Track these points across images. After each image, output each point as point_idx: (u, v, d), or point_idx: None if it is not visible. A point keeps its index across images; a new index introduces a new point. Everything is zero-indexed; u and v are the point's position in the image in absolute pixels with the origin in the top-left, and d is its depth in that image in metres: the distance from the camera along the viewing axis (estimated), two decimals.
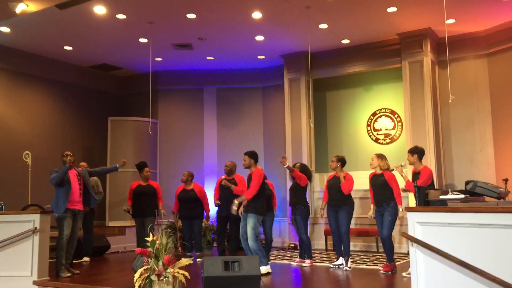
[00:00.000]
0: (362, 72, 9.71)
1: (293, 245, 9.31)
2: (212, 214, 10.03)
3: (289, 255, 8.46)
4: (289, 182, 8.54)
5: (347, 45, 9.45)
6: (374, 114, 9.90)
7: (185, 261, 4.90)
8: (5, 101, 9.24)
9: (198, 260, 7.63)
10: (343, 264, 6.78)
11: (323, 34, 8.77)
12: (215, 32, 8.64)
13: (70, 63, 10.32)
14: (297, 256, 7.57)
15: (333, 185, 6.93)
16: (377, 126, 9.85)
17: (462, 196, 4.44)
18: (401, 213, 6.40)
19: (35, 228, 5.97)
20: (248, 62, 10.57)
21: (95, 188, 8.00)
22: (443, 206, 4.24)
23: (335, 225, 6.92)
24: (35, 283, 5.93)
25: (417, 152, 6.36)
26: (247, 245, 6.39)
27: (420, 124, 8.64)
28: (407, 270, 5.90)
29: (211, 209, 9.59)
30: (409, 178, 6.45)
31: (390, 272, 6.26)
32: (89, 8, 7.47)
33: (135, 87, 11.36)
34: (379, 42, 9.25)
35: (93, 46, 9.33)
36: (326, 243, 9.14)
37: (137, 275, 4.71)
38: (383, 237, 6.40)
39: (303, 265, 7.13)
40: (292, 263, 7.40)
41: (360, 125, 10.03)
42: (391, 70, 9.39)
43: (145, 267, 4.76)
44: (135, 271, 4.97)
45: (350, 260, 6.81)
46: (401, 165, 6.41)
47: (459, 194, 4.52)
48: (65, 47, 9.34)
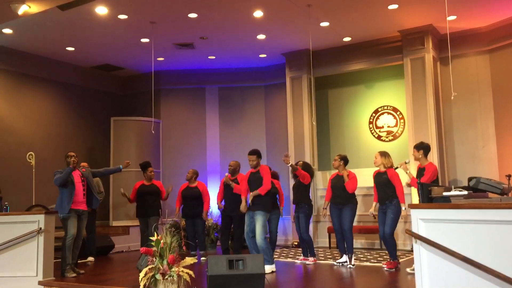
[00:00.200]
0: (364, 70, 9.72)
1: (297, 243, 9.32)
2: (215, 213, 10.08)
3: (292, 253, 8.48)
4: (292, 180, 8.57)
5: (349, 43, 9.46)
6: (376, 112, 9.90)
7: (189, 260, 4.91)
8: (8, 102, 9.28)
9: (202, 259, 7.66)
10: (346, 262, 6.79)
11: (325, 32, 8.77)
12: (216, 31, 8.65)
13: (72, 63, 10.35)
14: (301, 254, 7.59)
15: (336, 183, 6.94)
16: (379, 123, 9.86)
17: (465, 192, 4.44)
18: (404, 212, 6.41)
19: (40, 229, 6.00)
20: (250, 61, 10.58)
21: (96, 188, 8.03)
22: (446, 203, 4.24)
23: (338, 223, 6.93)
24: (40, 283, 5.96)
25: (423, 148, 6.36)
26: (252, 243, 6.40)
27: (422, 121, 8.64)
28: (411, 266, 5.91)
29: (215, 208, 9.63)
30: (414, 174, 6.45)
31: (394, 269, 6.27)
32: (91, 9, 7.50)
33: (137, 87, 11.39)
34: (381, 39, 9.25)
35: (95, 47, 9.35)
36: (329, 241, 9.15)
37: (142, 274, 4.72)
38: (385, 235, 6.41)
39: (307, 263, 7.15)
40: (296, 261, 7.42)
41: (362, 122, 10.03)
42: (392, 67, 9.39)
43: (150, 266, 4.77)
44: (140, 270, 4.98)
45: (353, 258, 6.83)
46: (406, 162, 6.43)
47: (462, 191, 4.52)
48: (68, 48, 9.37)
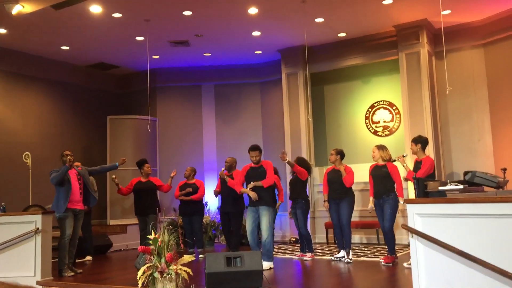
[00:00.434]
0: (359, 65, 9.72)
1: (294, 239, 9.34)
2: (213, 210, 10.09)
3: (290, 249, 8.50)
4: (288, 176, 8.58)
5: (344, 38, 9.46)
6: (372, 107, 9.91)
7: (187, 258, 4.93)
8: (3, 102, 9.25)
9: (200, 256, 7.67)
10: (344, 257, 6.82)
11: (320, 28, 8.77)
12: (211, 28, 8.64)
13: (67, 62, 10.31)
14: (298, 250, 7.61)
15: (333, 178, 6.95)
16: (375, 118, 9.87)
17: (461, 186, 4.47)
18: (402, 206, 6.43)
19: (37, 229, 5.99)
20: (246, 58, 10.57)
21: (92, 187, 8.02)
22: (442, 197, 4.27)
23: (336, 217, 6.94)
24: (38, 283, 5.96)
25: (420, 142, 6.38)
26: (255, 240, 6.38)
27: (418, 115, 8.66)
28: (408, 261, 5.94)
29: (212, 206, 9.66)
30: (411, 168, 6.48)
31: (391, 264, 6.30)
32: (85, 8, 7.47)
33: (133, 85, 11.36)
34: (376, 34, 9.25)
35: (90, 46, 9.32)
36: (327, 236, 9.18)
37: (140, 272, 4.74)
38: (384, 229, 6.44)
39: (304, 258, 7.17)
40: (294, 257, 7.44)
41: (359, 118, 10.05)
42: (388, 62, 9.40)
43: (148, 265, 4.79)
44: (138, 269, 4.99)
45: (351, 253, 6.85)
46: (403, 156, 6.45)
47: (458, 185, 4.55)
48: (62, 47, 9.34)
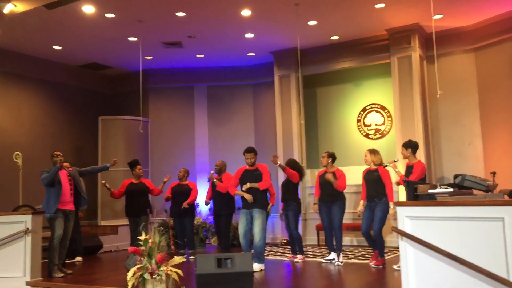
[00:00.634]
0: (352, 68, 9.77)
1: (285, 241, 9.35)
2: (204, 212, 10.08)
3: (281, 251, 8.51)
4: (280, 178, 8.60)
5: (337, 41, 9.50)
6: (364, 110, 9.96)
7: (178, 259, 4.93)
8: None
9: (191, 257, 7.66)
10: (334, 259, 6.83)
11: (313, 31, 8.81)
12: (204, 30, 8.64)
13: (59, 62, 10.27)
14: (289, 252, 7.62)
15: (325, 181, 6.95)
16: (367, 121, 9.92)
17: (451, 190, 4.49)
18: (392, 210, 6.45)
19: (27, 229, 5.96)
20: (238, 60, 10.58)
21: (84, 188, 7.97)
22: (431, 200, 4.30)
23: (327, 220, 6.96)
24: (28, 283, 5.93)
25: (411, 146, 6.42)
26: (247, 242, 6.39)
27: (410, 119, 8.71)
28: (397, 263, 5.97)
29: (204, 207, 9.66)
30: (403, 172, 6.51)
31: (381, 266, 6.33)
32: (78, 8, 7.45)
33: (125, 86, 11.33)
34: (368, 38, 9.31)
35: (82, 45, 9.29)
36: (318, 239, 9.20)
37: (130, 274, 4.73)
38: (373, 233, 6.48)
39: (295, 260, 7.19)
40: (284, 259, 7.45)
41: (351, 120, 10.09)
42: (380, 66, 9.46)
43: (138, 266, 4.78)
44: (128, 270, 4.98)
45: (342, 255, 6.87)
46: (395, 161, 6.49)
47: (447, 188, 4.58)
48: (54, 47, 9.30)
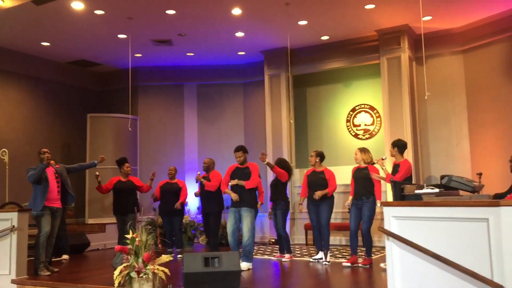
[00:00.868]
0: (342, 68, 9.81)
1: (273, 240, 9.37)
2: (193, 210, 10.06)
3: (269, 250, 8.53)
4: (270, 177, 8.61)
5: (327, 41, 9.53)
6: (353, 110, 10.00)
7: (165, 258, 4.91)
8: None
9: (179, 256, 7.64)
10: (322, 258, 6.85)
11: (303, 31, 8.82)
12: (195, 28, 8.62)
13: (47, 59, 10.18)
14: (277, 251, 7.63)
15: (313, 180, 6.97)
16: (356, 121, 9.96)
17: (437, 190, 4.53)
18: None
19: (13, 227, 5.91)
20: (229, 58, 10.57)
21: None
22: (418, 201, 4.33)
23: (315, 219, 6.96)
24: (13, 281, 5.88)
25: (397, 146, 6.47)
26: (235, 241, 6.39)
27: (398, 119, 8.77)
28: (384, 262, 6.00)
29: (192, 206, 9.64)
30: (390, 170, 6.56)
31: (368, 266, 6.37)
32: (67, 4, 7.39)
33: (114, 83, 11.26)
34: (358, 38, 9.35)
35: (71, 42, 9.22)
36: (306, 238, 9.23)
37: (116, 272, 4.70)
38: (361, 231, 6.51)
39: (283, 259, 7.20)
40: (272, 258, 7.46)
41: (340, 120, 10.13)
42: (370, 66, 9.50)
43: (124, 264, 4.75)
44: (115, 268, 4.95)
45: (329, 254, 6.89)
46: (382, 159, 6.53)
47: (434, 189, 4.61)
48: (43, 43, 9.22)
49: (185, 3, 7.54)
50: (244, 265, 6.14)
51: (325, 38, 9.33)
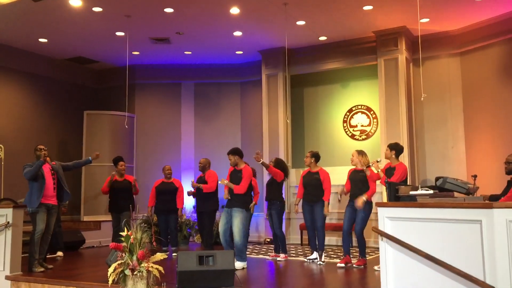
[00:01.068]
0: (339, 69, 9.82)
1: (269, 240, 9.38)
2: (189, 209, 10.05)
3: (264, 249, 8.54)
4: (266, 177, 8.61)
5: (324, 42, 9.54)
6: (350, 111, 10.02)
7: (159, 256, 4.91)
8: None
9: (173, 254, 7.64)
10: (317, 258, 6.87)
11: (301, 31, 8.83)
12: (193, 26, 8.62)
13: (45, 55, 10.16)
14: (273, 251, 7.64)
15: (308, 181, 6.98)
16: (353, 122, 9.98)
17: (431, 191, 4.54)
18: (361, 199, 6.43)
19: (8, 223, 5.91)
20: (226, 57, 10.57)
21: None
22: (412, 202, 4.34)
23: (310, 220, 6.98)
24: (7, 278, 5.87)
25: (395, 149, 6.48)
26: (228, 240, 6.40)
27: (395, 121, 8.78)
28: (378, 264, 6.02)
29: (188, 205, 9.61)
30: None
31: (363, 266, 6.38)
32: (65, 1, 7.38)
33: (111, 80, 11.25)
34: (356, 39, 9.36)
35: (68, 39, 9.20)
36: (301, 238, 9.24)
37: (111, 269, 4.69)
38: (355, 232, 6.52)
39: (278, 259, 7.21)
40: (267, 257, 7.47)
41: (337, 121, 10.15)
42: (367, 67, 9.52)
43: (119, 262, 4.75)
44: (109, 265, 4.95)
45: (324, 255, 6.91)
46: (377, 161, 6.54)
47: (428, 190, 4.63)
48: (40, 40, 9.20)
49: (183, 1, 7.54)
50: (239, 265, 6.15)
51: (323, 38, 9.34)
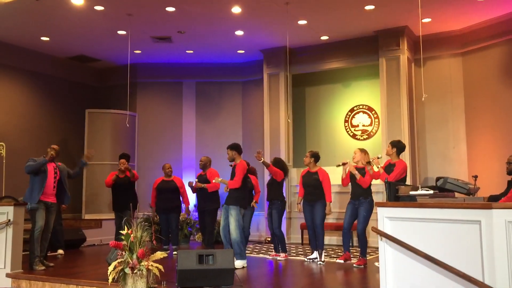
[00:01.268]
0: (341, 68, 9.82)
1: (269, 239, 9.38)
2: (190, 207, 10.05)
3: (265, 248, 8.54)
4: (267, 177, 8.61)
5: (326, 41, 9.53)
6: (351, 110, 10.02)
7: (159, 254, 4.92)
8: None
9: (174, 253, 7.65)
10: (317, 258, 6.87)
11: (302, 30, 8.83)
12: (194, 25, 8.62)
13: (47, 54, 10.17)
14: (273, 250, 7.65)
15: (307, 181, 6.99)
16: (354, 122, 9.98)
17: (431, 192, 4.55)
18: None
19: (9, 220, 5.92)
20: (228, 56, 10.57)
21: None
22: (411, 202, 4.34)
23: (310, 219, 6.98)
24: (8, 275, 5.89)
25: (396, 146, 6.47)
26: (227, 237, 6.43)
27: (396, 121, 8.78)
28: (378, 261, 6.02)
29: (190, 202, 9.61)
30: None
31: (363, 266, 6.38)
32: None
33: (113, 79, 11.27)
34: (357, 39, 9.35)
35: (70, 37, 9.22)
36: (302, 237, 9.24)
37: (111, 268, 4.71)
38: (358, 232, 6.52)
39: (278, 258, 7.21)
40: (267, 256, 7.48)
41: (338, 121, 10.14)
42: (368, 67, 9.51)
43: (119, 260, 4.76)
44: (109, 264, 4.96)
45: (324, 254, 6.91)
46: (378, 157, 6.54)
47: (428, 190, 4.63)
48: (42, 38, 9.21)
49: (185, 0, 7.54)
50: (238, 263, 6.16)
51: (324, 38, 9.33)
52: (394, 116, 8.80)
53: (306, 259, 7.03)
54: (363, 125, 9.89)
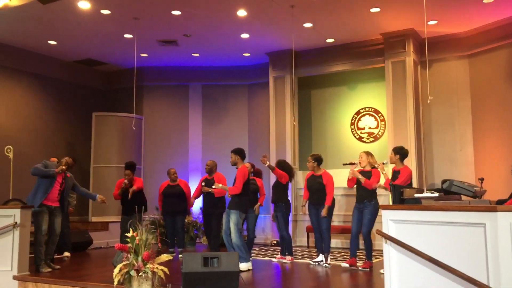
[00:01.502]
0: (346, 71, 9.81)
1: (275, 242, 9.37)
2: (195, 210, 10.08)
3: (271, 251, 8.53)
4: (272, 180, 8.61)
5: (332, 44, 9.53)
6: (358, 113, 10.00)
7: (164, 257, 4.93)
8: None
9: (180, 256, 7.67)
10: (322, 261, 6.86)
11: (308, 33, 8.83)
12: (200, 29, 8.66)
13: (54, 57, 10.26)
14: (279, 253, 7.64)
15: (312, 185, 6.99)
16: (360, 124, 9.96)
17: (436, 194, 4.53)
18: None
19: (16, 223, 5.95)
20: (234, 59, 10.59)
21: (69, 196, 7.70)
22: (416, 204, 4.33)
23: (316, 222, 6.98)
24: (15, 278, 5.92)
25: (399, 153, 6.45)
26: (229, 240, 6.46)
27: (402, 123, 8.75)
28: (383, 268, 6.00)
29: (195, 206, 9.64)
30: (389, 176, 6.55)
31: (368, 269, 6.36)
32: (73, 3, 7.45)
33: (120, 82, 11.33)
34: (363, 41, 9.34)
35: (77, 41, 9.29)
36: (308, 240, 9.22)
37: (116, 270, 4.72)
38: (362, 235, 6.50)
39: (284, 261, 7.21)
40: (273, 259, 7.47)
41: (344, 123, 10.13)
42: (374, 70, 9.50)
43: (124, 263, 4.78)
44: (115, 266, 4.98)
45: (330, 257, 6.89)
46: (383, 163, 6.52)
47: (433, 193, 4.61)
48: (49, 42, 9.29)
49: (190, 4, 7.58)
50: (244, 266, 6.16)
51: (330, 40, 9.33)
52: (401, 119, 8.77)
53: (311, 262, 7.02)
54: (369, 128, 9.87)
